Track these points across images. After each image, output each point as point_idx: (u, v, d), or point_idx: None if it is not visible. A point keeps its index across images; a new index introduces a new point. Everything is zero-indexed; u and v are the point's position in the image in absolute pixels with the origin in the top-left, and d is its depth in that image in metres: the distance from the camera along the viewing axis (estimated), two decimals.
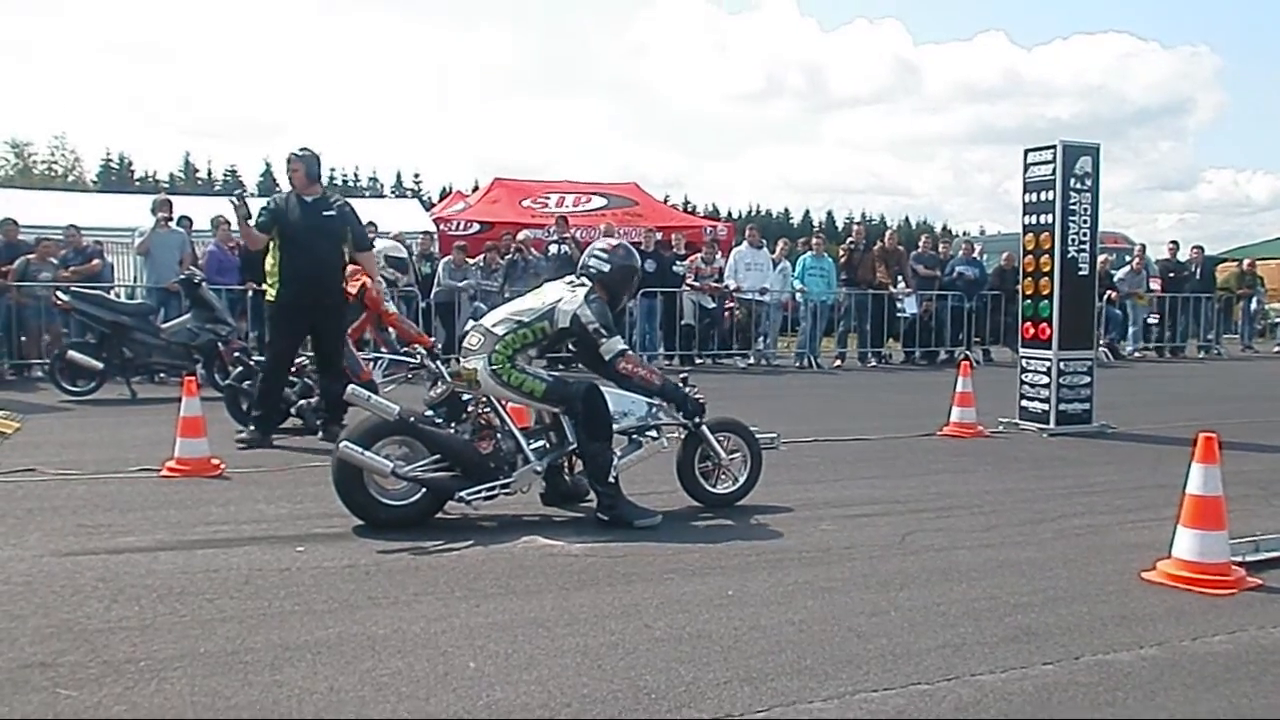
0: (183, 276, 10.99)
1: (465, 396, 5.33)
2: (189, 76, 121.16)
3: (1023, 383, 9.07)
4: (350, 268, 9.14)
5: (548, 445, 5.38)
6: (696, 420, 5.51)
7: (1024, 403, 9.04)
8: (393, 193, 68.19)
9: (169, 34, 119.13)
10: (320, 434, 7.59)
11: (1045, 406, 8.81)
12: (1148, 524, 5.30)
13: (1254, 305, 19.85)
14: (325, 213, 7.33)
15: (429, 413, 5.21)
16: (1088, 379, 8.91)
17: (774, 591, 4.12)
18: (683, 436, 5.60)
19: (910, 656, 3.41)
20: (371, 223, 14.35)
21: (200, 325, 10.44)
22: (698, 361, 14.51)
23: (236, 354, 10.54)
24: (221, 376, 10.38)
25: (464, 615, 3.77)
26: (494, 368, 5.19)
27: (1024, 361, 9.12)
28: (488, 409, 5.29)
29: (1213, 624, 3.81)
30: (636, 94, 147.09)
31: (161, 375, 10.85)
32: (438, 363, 8.61)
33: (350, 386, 5.54)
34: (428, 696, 3.04)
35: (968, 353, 15.03)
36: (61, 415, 9.11)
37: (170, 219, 12.66)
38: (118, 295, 12.13)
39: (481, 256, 14.41)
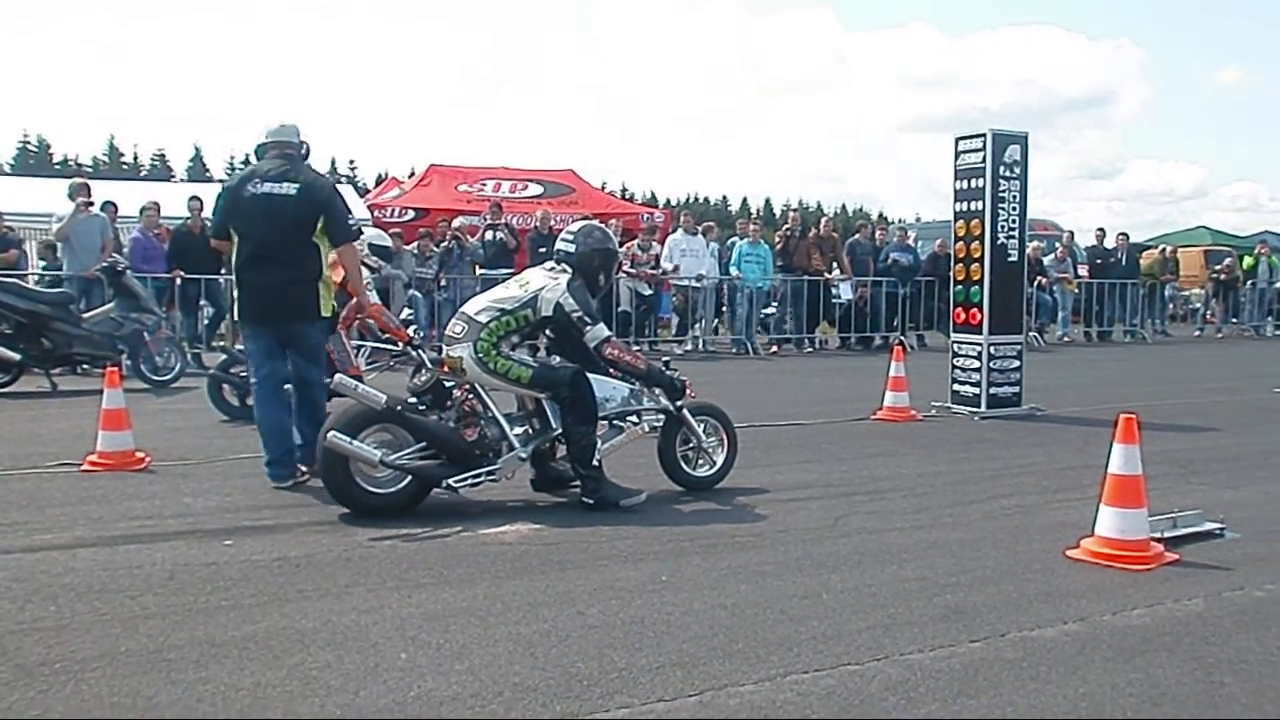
0: (105, 264, 10.69)
1: (449, 384, 5.32)
2: (117, 61, 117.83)
3: (954, 367, 9.23)
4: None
5: (530, 431, 5.41)
6: (679, 404, 5.60)
7: (955, 387, 9.20)
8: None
9: (90, 16, 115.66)
10: None
11: (976, 390, 8.97)
12: (1073, 503, 5.43)
13: (1168, 291, 20.48)
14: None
15: (413, 400, 5.17)
16: (1017, 363, 9.08)
17: (707, 576, 4.14)
18: (663, 421, 5.67)
19: (841, 638, 3.45)
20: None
21: (125, 315, 10.15)
22: (634, 349, 14.50)
23: (166, 343, 10.37)
24: (148, 368, 10.16)
25: (395, 606, 3.72)
26: (479, 355, 5.20)
27: (955, 346, 9.28)
28: (472, 396, 5.30)
29: (1132, 598, 3.92)
30: (574, 80, 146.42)
31: (84, 366, 10.53)
32: (420, 350, 8.56)
33: (337, 376, 5.54)
34: (358, 690, 3.00)
35: (901, 338, 15.24)
36: None
37: (90, 203, 12.18)
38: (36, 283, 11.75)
39: (415, 244, 14.23)
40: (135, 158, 69.65)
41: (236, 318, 5.83)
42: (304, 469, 5.75)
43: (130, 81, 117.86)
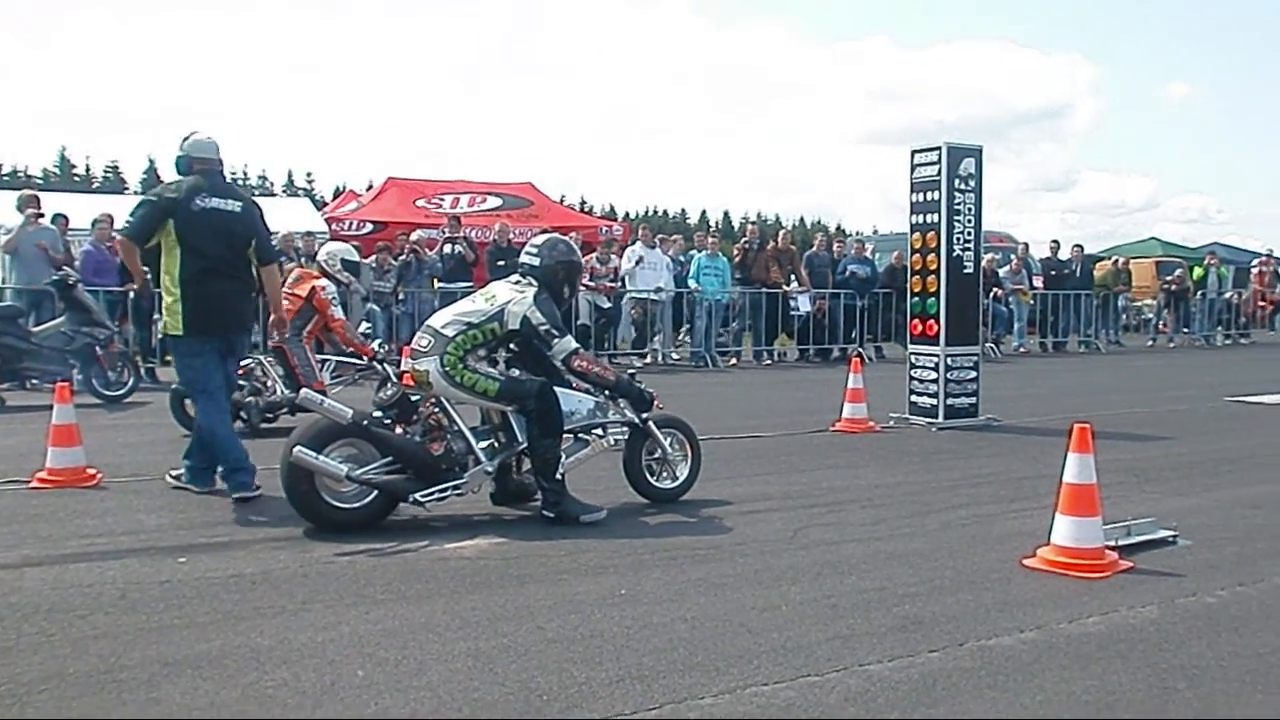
0: (56, 277, 10.49)
1: (415, 398, 5.28)
2: (67, 67, 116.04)
3: (912, 378, 9.31)
4: (299, 270, 8.95)
5: (496, 445, 5.39)
6: (645, 416, 5.61)
7: (913, 398, 9.27)
8: (284, 191, 66.43)
9: (45, 21, 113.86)
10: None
11: (934, 401, 9.05)
12: (1030, 513, 5.49)
13: (1121, 302, 20.86)
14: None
15: (379, 415, 5.13)
16: (974, 374, 9.18)
17: (666, 589, 4.13)
18: (628, 434, 5.67)
19: (800, 649, 3.46)
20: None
21: (76, 329, 9.97)
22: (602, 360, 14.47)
23: (118, 357, 10.20)
24: (100, 383, 9.98)
25: (353, 623, 3.68)
26: (446, 369, 5.18)
27: (912, 358, 9.36)
28: (438, 410, 5.26)
29: (1087, 606, 3.97)
30: (532, 92, 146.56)
31: (34, 381, 10.32)
32: (385, 365, 8.52)
33: (303, 390, 5.63)
34: (314, 707, 2.96)
35: (859, 349, 15.35)
36: None
37: (40, 215, 11.99)
38: None
39: (373, 257, 14.13)
40: (87, 170, 68.42)
41: (180, 330, 5.69)
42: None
43: (77, 87, 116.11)
